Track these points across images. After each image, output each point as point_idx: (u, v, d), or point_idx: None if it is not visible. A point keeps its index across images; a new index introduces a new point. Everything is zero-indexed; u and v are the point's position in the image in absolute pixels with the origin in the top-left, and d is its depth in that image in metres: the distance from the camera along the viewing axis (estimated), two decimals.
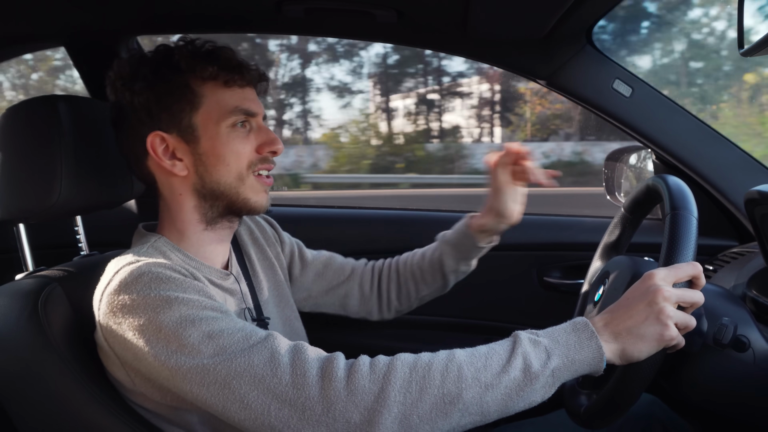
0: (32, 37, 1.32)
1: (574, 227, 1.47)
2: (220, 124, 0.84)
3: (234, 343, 0.70)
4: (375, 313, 1.15)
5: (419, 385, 0.67)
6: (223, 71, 0.84)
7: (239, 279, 0.93)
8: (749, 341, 0.78)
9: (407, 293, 1.13)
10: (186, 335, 0.70)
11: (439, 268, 1.10)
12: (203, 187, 0.85)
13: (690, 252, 0.74)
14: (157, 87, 0.82)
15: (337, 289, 1.13)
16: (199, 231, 0.87)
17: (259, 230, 1.07)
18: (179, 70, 0.83)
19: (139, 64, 0.83)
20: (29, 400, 0.80)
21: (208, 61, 0.83)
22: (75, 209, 0.96)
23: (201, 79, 0.83)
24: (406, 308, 1.15)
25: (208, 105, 0.84)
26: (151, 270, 0.74)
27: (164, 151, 0.84)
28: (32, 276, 0.88)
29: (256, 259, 1.02)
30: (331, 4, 1.09)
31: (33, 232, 0.96)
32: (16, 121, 0.88)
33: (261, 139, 0.87)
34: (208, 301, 0.74)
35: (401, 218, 1.54)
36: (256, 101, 0.88)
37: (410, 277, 1.13)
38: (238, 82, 0.85)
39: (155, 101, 0.82)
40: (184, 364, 0.69)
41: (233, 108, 0.84)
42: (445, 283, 1.11)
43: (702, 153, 1.26)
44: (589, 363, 0.70)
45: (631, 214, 1.00)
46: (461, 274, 1.12)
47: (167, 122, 0.83)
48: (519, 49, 1.26)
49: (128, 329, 0.72)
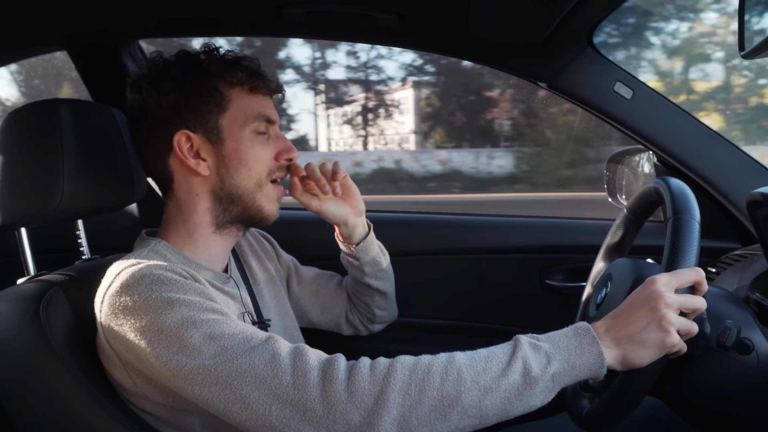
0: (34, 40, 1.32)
1: (576, 230, 1.47)
2: (244, 128, 0.87)
3: (235, 344, 0.70)
4: (361, 328, 1.17)
5: (418, 387, 0.67)
6: (250, 77, 0.87)
7: (239, 284, 0.94)
8: (753, 344, 0.78)
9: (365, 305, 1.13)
10: (187, 336, 0.70)
11: (361, 288, 1.11)
12: (222, 190, 0.87)
13: (692, 257, 0.73)
14: (187, 88, 0.85)
15: (332, 309, 1.16)
16: (208, 234, 0.88)
17: (258, 244, 1.10)
18: (209, 73, 0.86)
19: (168, 65, 0.86)
20: (30, 404, 0.80)
21: (236, 66, 0.87)
22: (76, 213, 0.96)
23: (230, 84, 0.87)
24: (381, 319, 1.15)
25: (234, 108, 0.87)
26: (152, 272, 0.75)
27: (189, 150, 0.86)
28: (34, 280, 0.89)
29: (256, 269, 1.04)
30: (331, 7, 1.09)
31: (34, 236, 0.96)
32: (18, 125, 0.88)
33: (279, 146, 0.90)
34: (209, 302, 0.75)
35: (402, 221, 1.54)
36: (274, 109, 0.92)
37: (354, 297, 1.14)
38: (262, 89, 0.89)
39: (184, 101, 0.85)
40: (185, 365, 0.69)
41: (258, 114, 0.88)
42: (369, 287, 1.10)
43: (704, 155, 1.26)
44: (589, 368, 0.70)
45: (633, 216, 1.00)
46: (380, 280, 1.10)
47: (194, 122, 0.85)
48: (520, 52, 1.26)
49: (130, 330, 0.72)
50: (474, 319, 1.46)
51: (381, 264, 1.09)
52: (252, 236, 1.10)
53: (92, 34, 1.27)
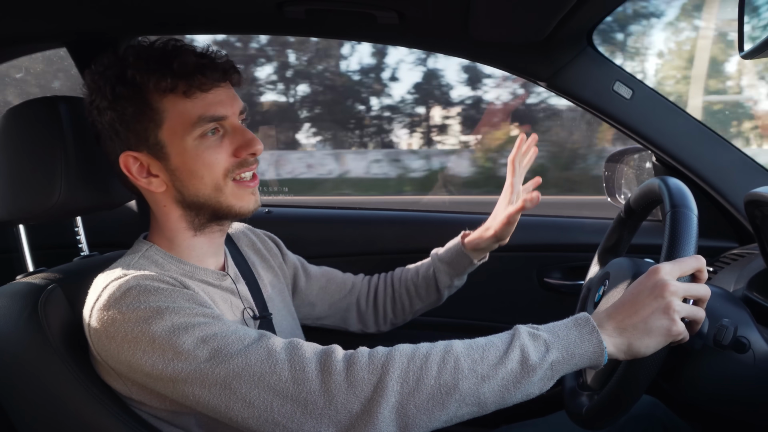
0: (34, 37, 1.32)
1: (575, 228, 1.47)
2: (185, 138, 0.79)
3: (229, 344, 0.70)
4: (371, 326, 1.19)
5: (416, 375, 0.68)
6: (181, 80, 0.77)
7: (237, 280, 0.93)
8: (749, 342, 0.78)
9: (402, 307, 1.17)
10: (180, 342, 0.70)
11: (434, 284, 1.15)
12: (184, 200, 0.83)
13: (692, 246, 0.74)
14: (118, 105, 0.78)
15: (339, 303, 1.16)
16: (189, 237, 0.86)
17: (263, 243, 1.09)
18: (135, 85, 0.77)
19: (101, 79, 0.79)
20: (28, 400, 0.80)
21: (163, 72, 0.77)
22: (75, 210, 0.96)
23: (159, 93, 0.78)
24: (401, 321, 1.19)
25: (170, 120, 0.79)
26: (138, 283, 0.74)
27: (139, 169, 0.82)
28: (32, 277, 0.88)
29: (259, 266, 1.03)
30: (331, 5, 1.09)
31: (33, 232, 0.96)
32: (17, 121, 0.88)
33: (237, 142, 0.82)
34: (199, 307, 0.74)
35: (400, 219, 1.54)
36: (226, 102, 0.81)
37: (405, 292, 1.16)
38: (200, 87, 0.78)
39: (119, 120, 0.79)
40: (182, 370, 0.69)
41: (197, 118, 0.78)
42: (439, 297, 1.16)
43: (702, 155, 1.26)
44: (589, 357, 0.70)
45: (630, 215, 1.00)
46: (454, 288, 1.17)
47: (135, 141, 0.80)
48: (519, 51, 1.26)
49: (122, 343, 0.72)
50: (472, 316, 1.47)
51: (464, 281, 1.17)
52: (256, 236, 1.09)
53: (91, 32, 1.27)
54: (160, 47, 0.79)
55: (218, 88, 0.81)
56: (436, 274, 1.14)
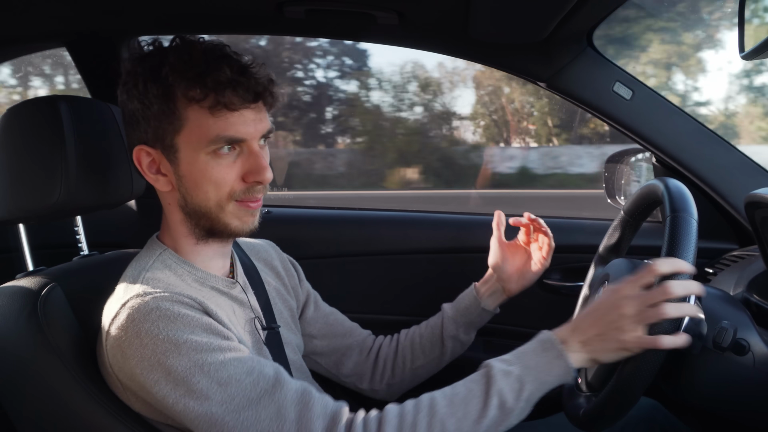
0: (34, 37, 1.32)
1: (574, 229, 1.47)
2: (199, 151, 0.78)
3: (242, 391, 0.72)
4: (366, 380, 1.12)
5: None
6: (211, 92, 0.76)
7: (246, 288, 0.92)
8: (749, 344, 0.78)
9: (402, 362, 1.10)
10: (195, 382, 0.71)
11: (439, 333, 1.09)
12: (186, 206, 0.82)
13: (691, 252, 0.74)
14: (145, 99, 0.78)
15: (339, 343, 1.11)
16: (191, 245, 0.85)
17: (281, 262, 1.07)
18: (166, 86, 0.76)
19: (138, 66, 0.79)
20: (28, 400, 0.80)
21: (195, 80, 0.75)
22: (75, 209, 0.96)
23: (186, 100, 0.77)
24: (398, 381, 1.11)
25: (189, 128, 0.78)
26: (158, 305, 0.73)
27: (150, 164, 0.82)
28: (32, 276, 0.88)
29: (271, 280, 1.02)
30: (331, 5, 1.09)
31: (33, 232, 0.96)
32: (17, 121, 0.88)
33: (248, 166, 0.80)
34: (218, 340, 0.74)
35: (400, 219, 1.54)
36: (249, 124, 0.79)
37: (408, 345, 1.11)
38: (228, 106, 0.76)
39: (142, 114, 0.79)
40: (193, 409, 0.71)
41: (214, 137, 0.77)
42: (442, 352, 1.09)
43: (702, 156, 1.26)
44: (559, 378, 0.75)
45: (631, 216, 1.00)
46: (458, 343, 1.09)
47: (153, 136, 0.80)
48: (519, 52, 1.26)
49: (136, 366, 0.72)
50: None
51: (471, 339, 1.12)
52: (277, 253, 1.07)
53: (91, 31, 1.27)
54: (203, 53, 0.77)
55: (247, 108, 0.79)
56: (444, 321, 1.09)
